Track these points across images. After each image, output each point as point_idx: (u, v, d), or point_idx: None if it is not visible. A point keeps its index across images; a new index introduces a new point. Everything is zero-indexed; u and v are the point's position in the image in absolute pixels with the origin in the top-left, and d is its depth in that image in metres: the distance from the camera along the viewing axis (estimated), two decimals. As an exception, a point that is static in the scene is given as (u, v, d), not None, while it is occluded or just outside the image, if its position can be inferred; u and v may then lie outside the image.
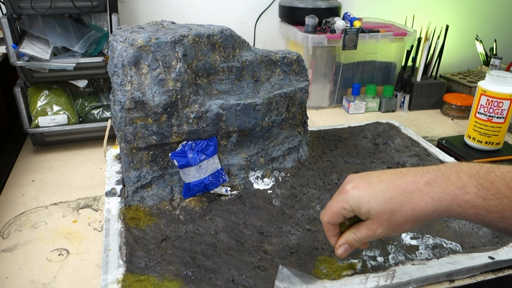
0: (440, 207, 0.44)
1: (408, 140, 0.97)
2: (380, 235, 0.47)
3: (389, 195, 0.45)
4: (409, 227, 0.46)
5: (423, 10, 1.37)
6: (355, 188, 0.48)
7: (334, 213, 0.49)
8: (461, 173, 0.44)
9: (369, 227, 0.47)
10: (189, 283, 0.57)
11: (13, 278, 0.61)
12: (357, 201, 0.47)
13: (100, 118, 1.00)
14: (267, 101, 0.77)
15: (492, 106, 0.91)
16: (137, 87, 0.67)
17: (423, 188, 0.44)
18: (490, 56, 1.38)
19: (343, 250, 0.51)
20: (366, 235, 0.48)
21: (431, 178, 0.45)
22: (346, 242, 0.50)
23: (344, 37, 1.13)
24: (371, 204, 0.46)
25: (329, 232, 0.51)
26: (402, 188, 0.45)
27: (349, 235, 0.50)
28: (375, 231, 0.47)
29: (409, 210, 0.45)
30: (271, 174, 0.82)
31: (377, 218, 0.46)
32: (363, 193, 0.47)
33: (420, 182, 0.45)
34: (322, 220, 0.51)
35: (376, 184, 0.47)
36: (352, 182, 0.49)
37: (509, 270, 0.62)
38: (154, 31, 0.70)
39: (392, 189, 0.46)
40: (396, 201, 0.45)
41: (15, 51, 0.86)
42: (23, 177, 0.87)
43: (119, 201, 0.73)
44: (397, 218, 0.45)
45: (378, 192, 0.46)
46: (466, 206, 0.43)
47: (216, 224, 0.69)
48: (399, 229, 0.46)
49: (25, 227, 0.72)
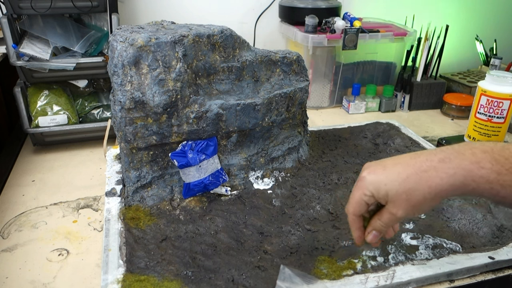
0: (455, 182, 0.44)
1: (408, 140, 0.97)
2: (402, 217, 0.48)
3: (404, 175, 0.46)
4: (428, 206, 0.47)
5: (423, 10, 1.37)
6: (371, 173, 0.49)
7: (356, 202, 0.50)
8: (475, 149, 0.45)
9: (389, 211, 0.48)
10: (189, 283, 0.57)
11: (13, 278, 0.61)
12: (375, 185, 0.48)
13: (100, 118, 1.00)
14: (267, 101, 0.77)
15: (492, 106, 0.91)
16: (137, 87, 0.67)
17: (437, 165, 0.45)
18: (490, 56, 1.38)
19: (372, 236, 0.52)
20: (389, 219, 0.49)
21: (445, 155, 0.46)
22: (374, 228, 0.52)
23: (344, 37, 1.13)
24: (388, 186, 0.47)
25: (355, 225, 0.52)
26: (417, 167, 0.46)
27: (374, 222, 0.51)
28: (396, 213, 0.48)
29: (426, 187, 0.45)
30: (271, 174, 0.82)
31: (395, 200, 0.47)
32: (379, 177, 0.48)
33: (434, 160, 0.46)
34: (348, 212, 0.52)
35: (391, 167, 0.48)
36: (368, 168, 0.50)
37: (509, 270, 0.62)
38: (154, 31, 0.70)
39: (406, 169, 0.47)
40: (412, 180, 0.46)
41: (15, 51, 0.86)
42: (23, 177, 0.87)
43: (119, 201, 0.73)
44: (415, 197, 0.46)
45: (394, 174, 0.47)
46: (481, 181, 0.43)
47: (216, 224, 0.69)
48: (419, 208, 0.47)
49: (25, 227, 0.72)
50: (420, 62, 1.24)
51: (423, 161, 0.46)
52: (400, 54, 1.26)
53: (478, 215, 0.71)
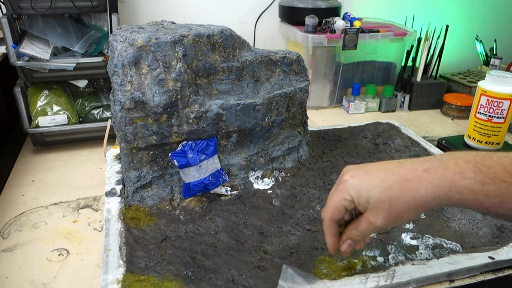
0: (439, 193, 0.43)
1: (408, 140, 0.97)
2: (380, 227, 0.46)
3: (388, 183, 0.45)
4: (410, 217, 0.46)
5: (423, 10, 1.37)
6: (353, 177, 0.47)
7: (335, 206, 0.48)
8: (458, 160, 0.44)
9: (368, 219, 0.46)
10: (189, 283, 0.57)
11: (13, 278, 0.61)
12: (357, 190, 0.46)
13: (100, 118, 1.00)
14: (267, 101, 0.77)
15: (492, 106, 0.91)
16: (137, 87, 0.67)
17: (421, 174, 0.44)
18: (490, 56, 1.38)
19: (347, 246, 0.50)
20: (367, 228, 0.47)
21: (429, 165, 0.45)
22: (349, 237, 0.50)
23: (344, 37, 1.13)
24: (371, 193, 0.45)
25: (330, 231, 0.50)
26: (401, 176, 0.45)
27: (350, 231, 0.49)
28: (376, 222, 0.46)
29: (410, 197, 0.44)
30: (271, 174, 0.82)
31: (377, 207, 0.45)
32: (362, 182, 0.46)
33: (418, 169, 0.45)
34: (325, 217, 0.50)
35: (374, 173, 0.46)
36: (350, 171, 0.48)
37: (509, 270, 0.62)
38: (154, 31, 0.70)
39: (391, 177, 0.45)
40: (395, 188, 0.45)
41: (15, 51, 0.86)
42: (23, 177, 0.87)
43: (119, 201, 0.73)
44: (398, 206, 0.45)
45: (377, 180, 0.46)
46: (465, 191, 0.42)
47: (216, 224, 0.69)
48: (400, 218, 0.46)
49: (25, 227, 0.72)
50: (420, 62, 1.24)
51: (408, 170, 0.45)
52: (400, 54, 1.26)
53: (478, 215, 0.71)
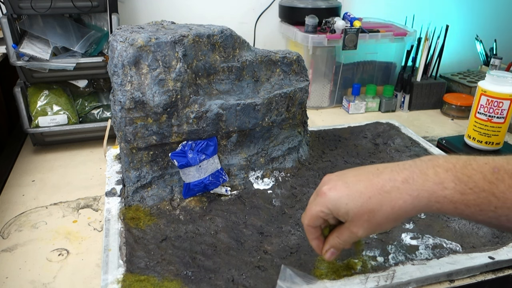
0: (418, 204, 0.43)
1: (408, 140, 0.97)
2: (362, 236, 0.47)
3: (367, 195, 0.45)
4: (390, 226, 0.46)
5: (423, 10, 1.37)
6: (332, 190, 0.47)
7: (313, 216, 0.49)
8: (438, 168, 0.43)
9: (350, 230, 0.47)
10: (189, 283, 0.57)
11: (13, 278, 0.61)
12: (335, 204, 0.47)
13: (100, 118, 1.00)
14: (267, 101, 0.77)
15: (492, 106, 0.91)
16: (137, 87, 0.67)
17: (400, 185, 0.44)
18: (490, 56, 1.38)
19: (330, 254, 0.51)
20: (349, 237, 0.48)
21: (408, 174, 0.44)
22: (331, 246, 0.51)
23: (344, 37, 1.13)
24: (349, 206, 0.46)
25: (311, 235, 0.51)
26: (379, 187, 0.45)
27: (333, 239, 0.50)
28: (357, 232, 0.47)
29: (389, 209, 0.44)
30: (271, 174, 0.82)
31: (357, 219, 0.46)
32: (340, 195, 0.47)
33: (397, 180, 0.44)
34: (303, 223, 0.51)
35: (353, 184, 0.47)
36: (329, 183, 0.48)
37: (509, 270, 0.62)
38: (154, 31, 0.70)
39: (369, 188, 0.45)
40: (374, 200, 0.45)
41: (15, 51, 0.86)
42: (23, 177, 0.87)
43: (119, 201, 0.73)
44: (377, 217, 0.45)
45: (356, 193, 0.46)
46: (445, 201, 0.42)
47: (216, 224, 0.69)
48: (380, 228, 0.46)
49: (25, 227, 0.72)
50: (420, 62, 1.24)
51: (386, 180, 0.45)
52: (400, 54, 1.26)
53: (478, 215, 0.71)
